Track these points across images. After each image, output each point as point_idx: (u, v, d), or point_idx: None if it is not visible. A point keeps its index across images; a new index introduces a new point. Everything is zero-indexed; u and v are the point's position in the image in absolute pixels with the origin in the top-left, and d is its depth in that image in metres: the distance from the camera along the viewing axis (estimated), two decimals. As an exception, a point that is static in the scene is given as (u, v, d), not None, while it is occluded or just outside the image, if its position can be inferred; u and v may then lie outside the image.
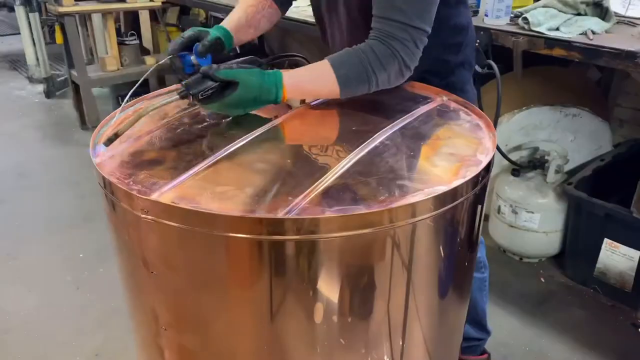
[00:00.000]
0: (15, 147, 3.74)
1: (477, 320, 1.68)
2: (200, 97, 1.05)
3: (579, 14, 2.03)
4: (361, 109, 1.29)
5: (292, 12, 2.69)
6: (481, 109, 1.21)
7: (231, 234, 0.81)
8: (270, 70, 1.11)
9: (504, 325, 2.05)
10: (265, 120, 1.14)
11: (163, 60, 1.25)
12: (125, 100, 1.18)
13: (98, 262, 2.40)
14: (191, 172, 0.93)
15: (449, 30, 1.27)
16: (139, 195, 0.85)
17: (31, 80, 5.09)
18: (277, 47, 4.19)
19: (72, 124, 4.05)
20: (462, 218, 0.96)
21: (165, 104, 1.08)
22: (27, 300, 2.19)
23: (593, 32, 1.87)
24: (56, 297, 2.21)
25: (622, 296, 2.15)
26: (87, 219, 2.76)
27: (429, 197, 0.85)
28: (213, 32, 1.24)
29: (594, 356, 1.91)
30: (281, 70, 1.11)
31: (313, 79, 1.13)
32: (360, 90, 1.13)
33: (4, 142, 3.82)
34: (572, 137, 2.45)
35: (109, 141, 1.02)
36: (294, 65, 1.22)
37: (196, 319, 0.94)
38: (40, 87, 4.83)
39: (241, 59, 1.14)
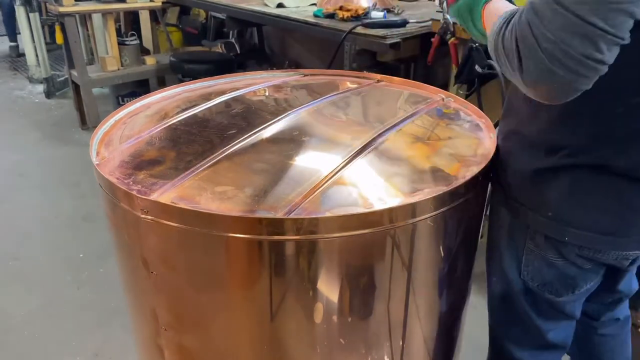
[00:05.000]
0: (15, 147, 3.73)
1: None
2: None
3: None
4: (361, 109, 1.29)
5: (292, 12, 2.68)
6: (481, 109, 1.21)
7: (231, 234, 0.81)
8: None
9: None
10: (265, 121, 1.14)
11: None
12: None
13: (98, 262, 2.40)
14: (191, 172, 0.93)
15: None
16: (139, 195, 0.85)
17: (31, 80, 5.09)
18: (277, 47, 4.19)
19: (72, 124, 4.05)
20: (462, 218, 0.96)
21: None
22: (27, 300, 2.19)
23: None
24: (56, 297, 2.20)
25: (622, 296, 2.14)
26: (87, 219, 2.76)
27: (429, 197, 0.85)
28: None
29: (594, 356, 1.90)
30: None
31: (496, 13, 0.91)
32: (492, 41, 0.83)
33: (4, 142, 3.82)
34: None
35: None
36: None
37: (196, 319, 0.94)
38: (40, 87, 4.82)
39: None
